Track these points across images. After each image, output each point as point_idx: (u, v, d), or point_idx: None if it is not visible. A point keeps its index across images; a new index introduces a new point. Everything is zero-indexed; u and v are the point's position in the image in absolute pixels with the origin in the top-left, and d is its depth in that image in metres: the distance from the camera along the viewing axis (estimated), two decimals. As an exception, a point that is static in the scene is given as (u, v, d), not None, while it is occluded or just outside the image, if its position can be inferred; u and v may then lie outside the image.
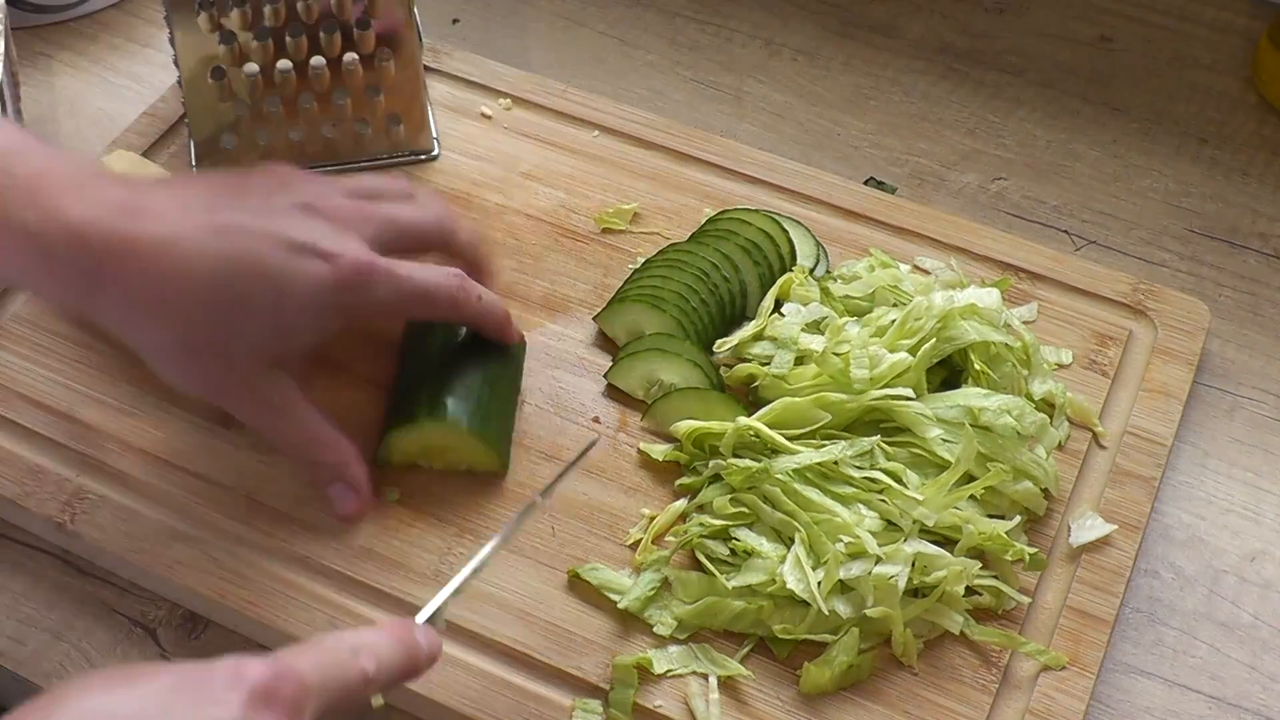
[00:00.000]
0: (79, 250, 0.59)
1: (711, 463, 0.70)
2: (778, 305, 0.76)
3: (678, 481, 0.71)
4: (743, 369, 0.74)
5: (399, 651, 0.55)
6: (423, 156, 0.86)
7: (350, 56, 0.82)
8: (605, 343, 0.77)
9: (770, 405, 0.70)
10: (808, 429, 0.69)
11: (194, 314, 0.61)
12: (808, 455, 0.68)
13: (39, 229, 0.59)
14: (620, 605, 0.66)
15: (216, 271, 0.61)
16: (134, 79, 0.96)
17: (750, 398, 0.74)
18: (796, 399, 0.70)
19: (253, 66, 0.81)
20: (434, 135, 0.86)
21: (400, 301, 0.66)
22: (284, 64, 0.81)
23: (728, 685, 0.64)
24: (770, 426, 0.69)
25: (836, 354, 0.70)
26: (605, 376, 0.75)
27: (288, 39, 0.80)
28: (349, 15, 0.80)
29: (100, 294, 0.61)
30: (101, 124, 0.93)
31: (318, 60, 0.81)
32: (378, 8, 0.80)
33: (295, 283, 0.62)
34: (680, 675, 0.65)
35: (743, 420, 0.69)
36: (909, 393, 0.69)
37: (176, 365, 0.64)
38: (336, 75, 0.82)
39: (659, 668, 0.64)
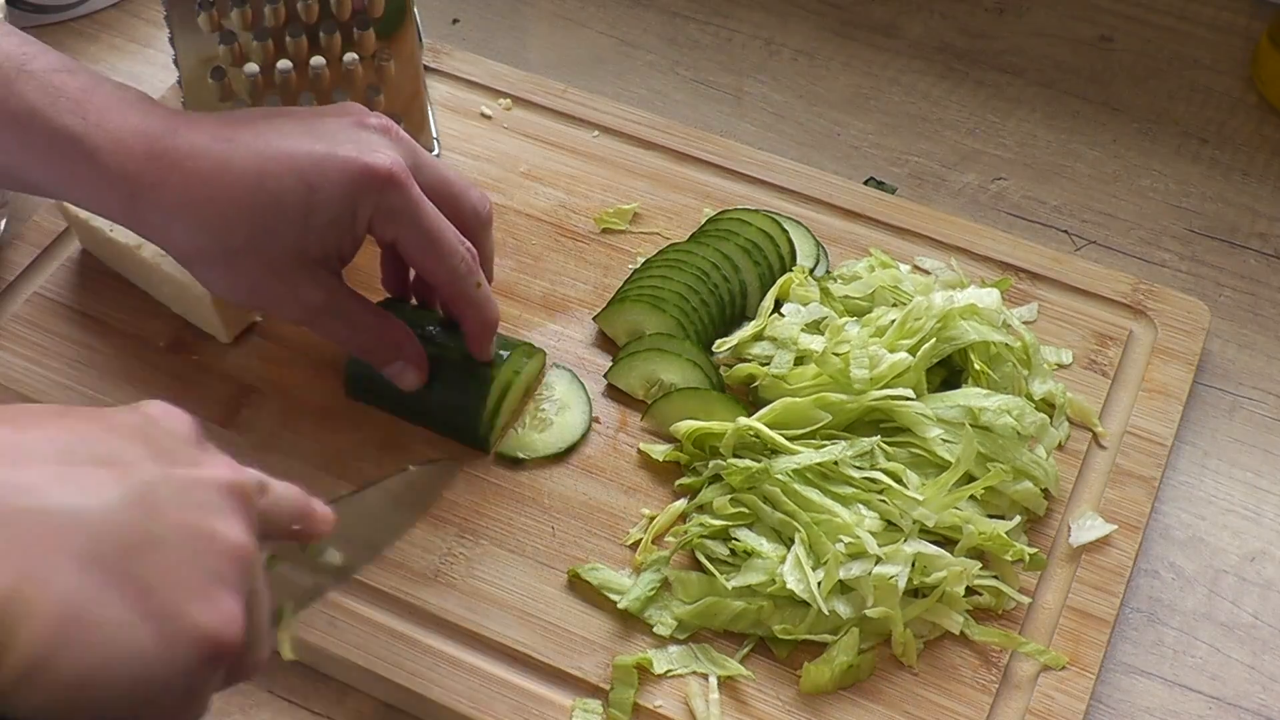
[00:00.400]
0: (124, 158, 0.62)
1: (711, 463, 0.70)
2: (777, 305, 0.76)
3: (678, 482, 0.71)
4: (742, 369, 0.74)
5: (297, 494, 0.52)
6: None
7: (350, 56, 0.82)
8: (605, 343, 0.77)
9: (770, 405, 0.70)
10: (808, 429, 0.69)
11: (230, 215, 0.62)
12: (808, 455, 0.68)
13: (86, 138, 0.62)
14: (620, 605, 0.66)
15: (249, 170, 0.62)
16: (134, 79, 0.96)
17: (750, 398, 0.74)
18: (797, 399, 0.70)
19: (253, 66, 0.81)
20: (434, 135, 0.86)
21: (416, 228, 0.65)
22: (284, 64, 0.81)
23: (728, 685, 0.64)
24: (770, 426, 0.69)
25: (836, 354, 0.70)
26: (605, 376, 0.75)
27: (288, 39, 0.80)
28: (349, 15, 0.80)
29: (142, 200, 0.62)
30: (101, 124, 0.93)
31: (317, 60, 0.81)
32: (378, 6, 0.80)
33: (327, 175, 0.62)
34: (680, 675, 0.65)
35: (743, 420, 0.69)
36: (909, 393, 0.69)
37: (217, 270, 0.65)
38: (336, 75, 0.82)
39: (659, 668, 0.64)
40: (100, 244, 0.78)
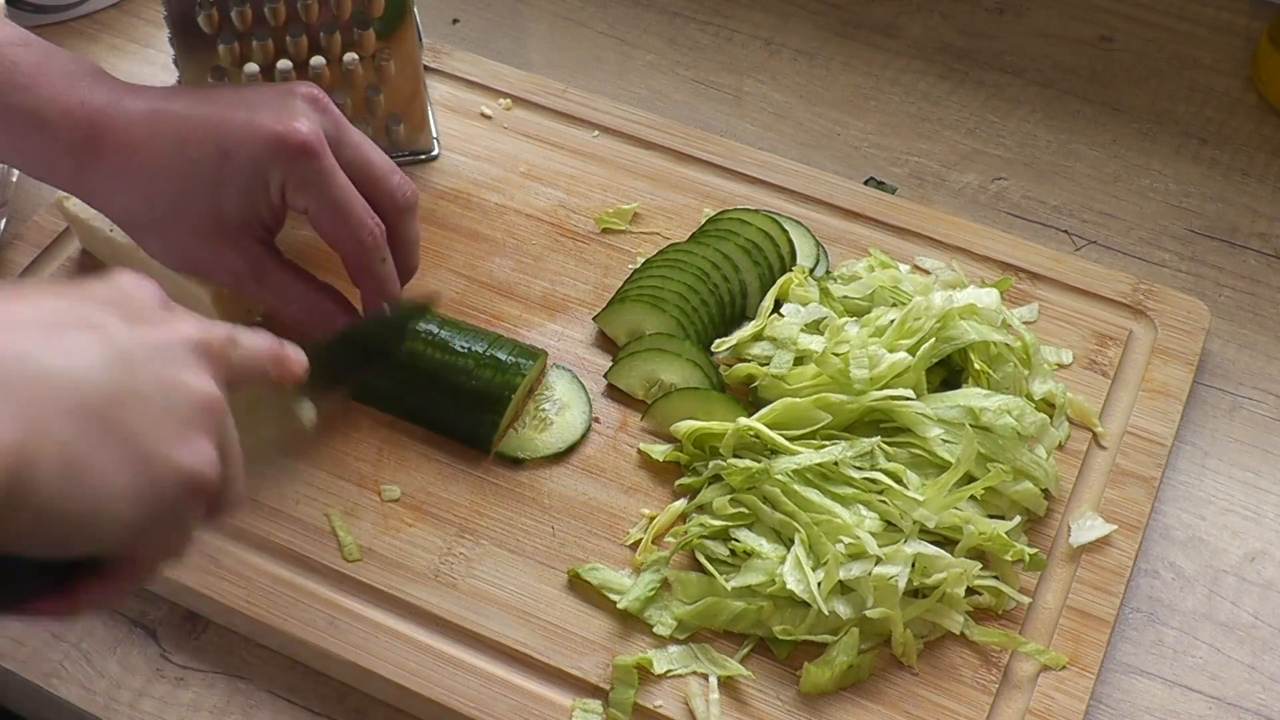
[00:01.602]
0: (70, 130, 0.65)
1: (712, 463, 0.70)
2: (777, 305, 0.76)
3: (678, 481, 0.71)
4: (742, 369, 0.74)
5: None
6: (422, 156, 0.86)
7: (350, 56, 0.82)
8: (605, 343, 0.77)
9: (771, 405, 0.70)
10: (808, 429, 0.69)
11: (156, 182, 0.65)
12: (808, 456, 0.68)
13: (37, 112, 0.65)
14: (620, 605, 0.66)
15: (173, 137, 0.65)
16: (134, 79, 0.95)
17: (750, 398, 0.74)
18: (797, 399, 0.70)
19: (253, 66, 0.81)
20: (434, 135, 0.86)
21: (324, 198, 0.66)
22: (284, 64, 0.81)
23: (728, 685, 0.64)
24: (771, 427, 0.69)
25: (836, 354, 0.70)
26: (605, 376, 0.75)
27: (288, 39, 0.80)
28: (349, 15, 0.80)
29: (88, 170, 0.65)
30: (101, 124, 0.93)
31: (317, 60, 0.81)
32: (378, 6, 0.80)
33: (241, 142, 0.64)
34: (680, 675, 0.65)
35: (743, 420, 0.69)
36: (909, 393, 0.69)
37: (150, 237, 0.68)
38: (336, 75, 0.82)
39: (659, 668, 0.64)
40: (99, 244, 0.78)
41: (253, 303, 0.76)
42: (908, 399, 0.69)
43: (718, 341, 0.75)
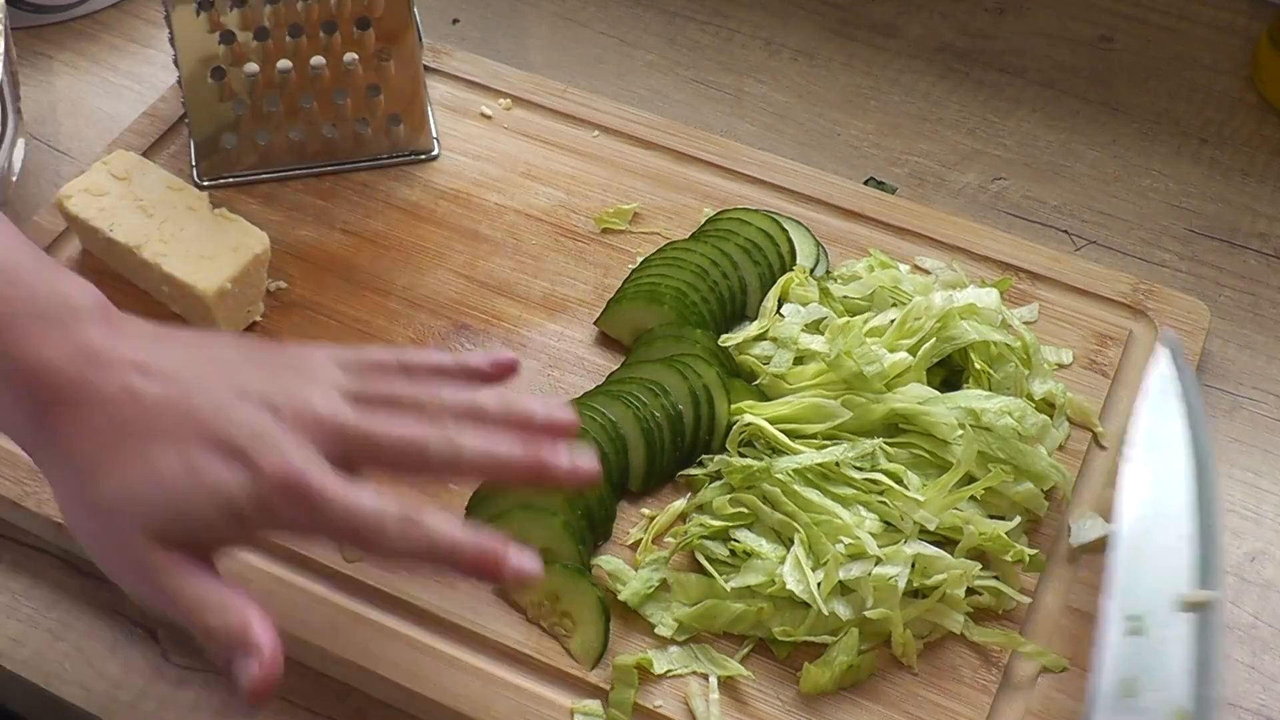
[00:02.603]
0: (29, 395, 0.56)
1: (717, 458, 0.70)
2: (779, 305, 0.76)
3: (679, 473, 0.71)
4: (744, 363, 0.74)
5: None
6: (423, 156, 0.86)
7: (350, 56, 0.82)
8: (606, 342, 0.77)
9: (785, 399, 0.70)
10: (826, 425, 0.69)
11: (99, 466, 0.55)
12: (808, 456, 0.68)
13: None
14: (620, 597, 0.66)
15: (134, 437, 0.55)
16: (134, 79, 0.96)
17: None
18: (823, 400, 0.69)
19: (253, 66, 0.81)
20: (434, 135, 0.86)
21: (327, 532, 0.56)
22: (284, 64, 0.81)
23: (728, 685, 0.64)
24: (789, 421, 0.69)
25: (849, 355, 0.70)
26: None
27: (287, 39, 0.80)
28: (349, 15, 0.80)
29: (43, 443, 0.57)
30: (101, 124, 0.93)
31: (318, 60, 0.81)
32: (378, 6, 0.80)
33: (204, 485, 0.54)
34: (680, 675, 0.64)
35: (748, 416, 0.69)
36: (932, 392, 0.69)
37: (74, 518, 0.57)
38: (337, 75, 0.82)
39: (659, 668, 0.64)
40: (100, 244, 0.78)
41: (252, 304, 0.77)
42: (928, 402, 0.69)
43: (722, 339, 0.75)
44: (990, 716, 0.64)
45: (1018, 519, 0.68)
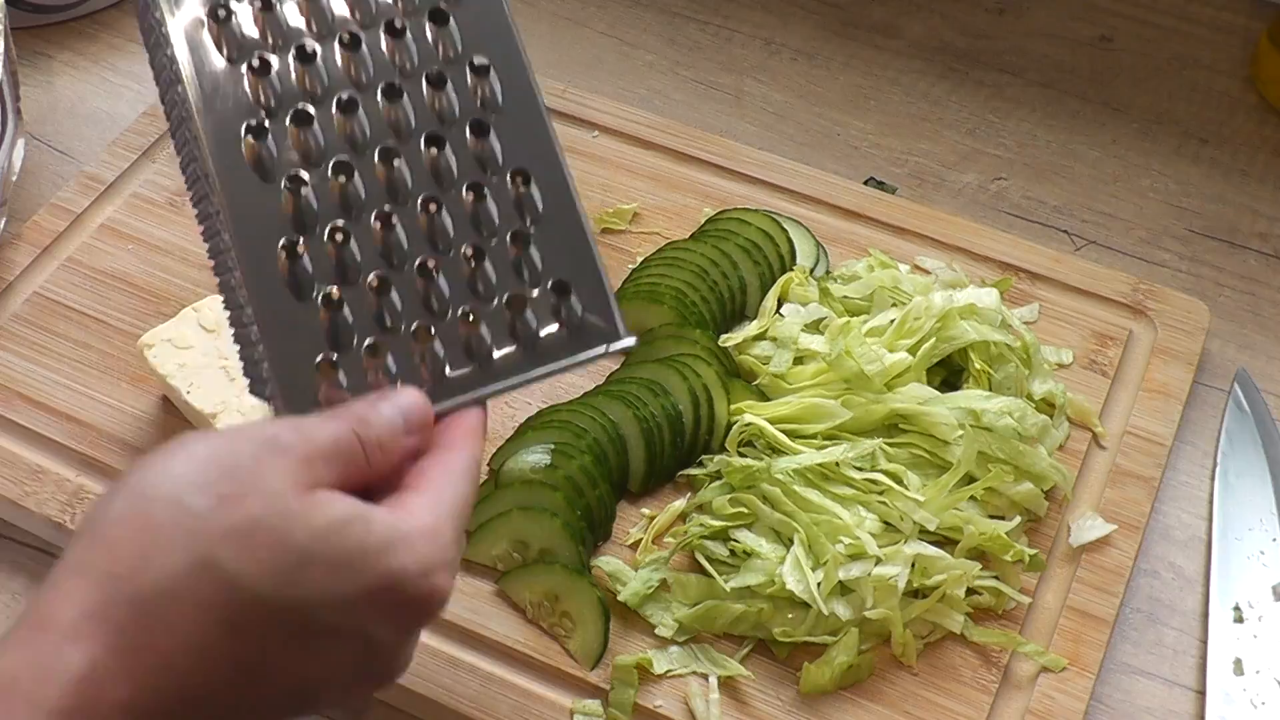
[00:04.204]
0: None
1: (717, 458, 0.70)
2: (779, 305, 0.76)
3: (679, 473, 0.71)
4: (744, 362, 0.74)
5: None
6: (617, 347, 0.55)
7: (492, 212, 0.55)
8: (605, 343, 0.77)
9: (789, 400, 0.70)
10: (826, 425, 0.69)
11: None
12: (808, 456, 0.68)
13: None
14: (620, 597, 0.66)
15: None
16: (134, 79, 0.96)
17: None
18: (823, 400, 0.69)
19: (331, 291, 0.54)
20: (615, 309, 0.55)
21: None
22: (372, 277, 0.54)
23: (728, 685, 0.64)
24: (790, 421, 0.69)
25: (849, 354, 0.70)
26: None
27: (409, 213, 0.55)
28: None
29: None
30: (101, 124, 0.93)
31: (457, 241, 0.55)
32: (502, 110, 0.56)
33: None
34: (680, 675, 0.65)
35: (748, 416, 0.69)
36: (933, 393, 0.69)
37: None
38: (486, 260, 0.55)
39: (659, 668, 0.64)
40: (178, 399, 0.71)
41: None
42: (928, 402, 0.69)
43: (723, 338, 0.75)
44: (990, 716, 0.64)
45: (1018, 519, 0.68)
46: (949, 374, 0.74)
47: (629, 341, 0.55)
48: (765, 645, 0.66)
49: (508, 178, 0.55)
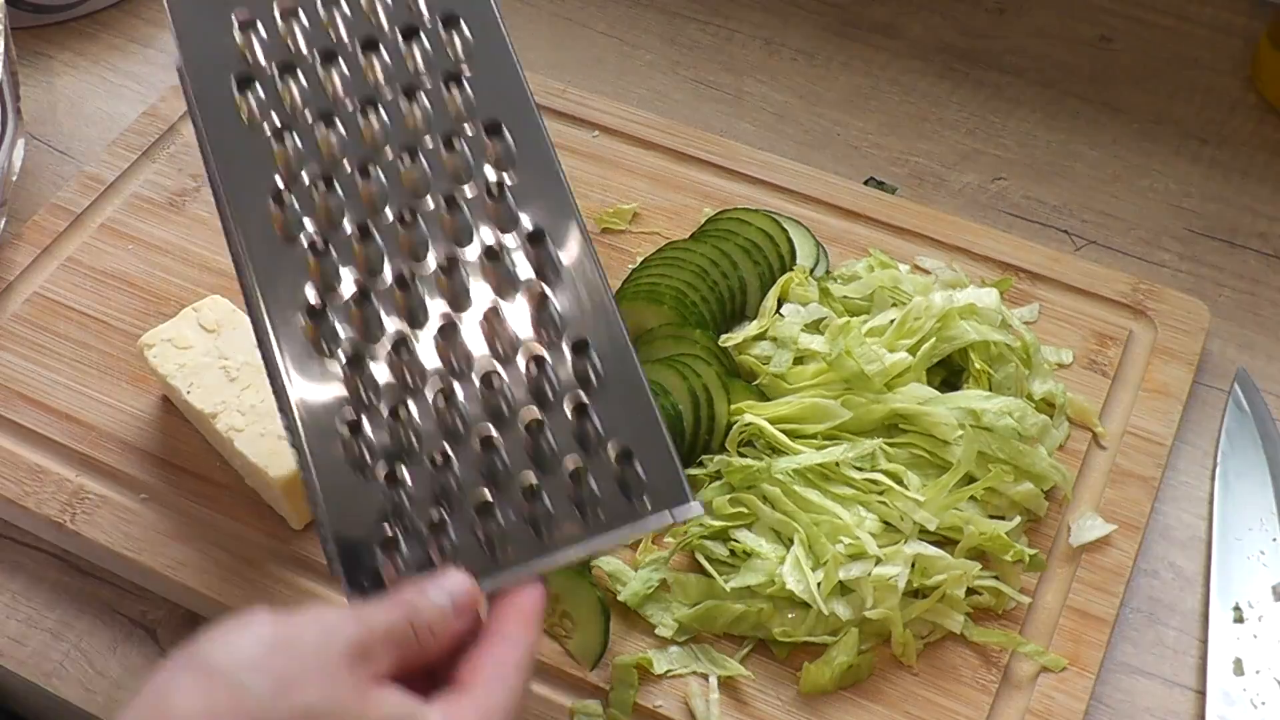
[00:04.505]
0: None
1: (716, 458, 0.70)
2: (779, 305, 0.76)
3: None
4: (744, 362, 0.74)
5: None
6: (684, 515, 0.54)
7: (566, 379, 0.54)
8: (605, 343, 0.77)
9: (789, 400, 0.70)
10: (826, 425, 0.69)
11: None
12: (808, 456, 0.68)
13: None
14: (620, 597, 0.66)
15: None
16: (134, 79, 0.96)
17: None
18: (823, 399, 0.69)
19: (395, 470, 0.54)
20: (681, 474, 0.54)
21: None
22: (434, 452, 0.54)
23: (728, 685, 0.64)
24: (790, 421, 0.69)
25: (849, 354, 0.70)
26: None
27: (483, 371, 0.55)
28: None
29: None
30: (101, 124, 0.93)
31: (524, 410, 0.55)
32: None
33: None
34: (680, 675, 0.65)
35: (748, 416, 0.69)
36: (933, 392, 0.69)
37: None
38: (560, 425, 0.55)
39: (659, 668, 0.64)
40: (178, 399, 0.71)
41: None
42: (928, 402, 0.69)
43: (723, 338, 0.75)
44: (990, 716, 0.64)
45: (1018, 519, 0.68)
46: (949, 374, 0.74)
47: (696, 509, 0.53)
48: (765, 645, 0.66)
49: (568, 346, 0.54)
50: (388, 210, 0.56)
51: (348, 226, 0.56)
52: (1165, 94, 0.95)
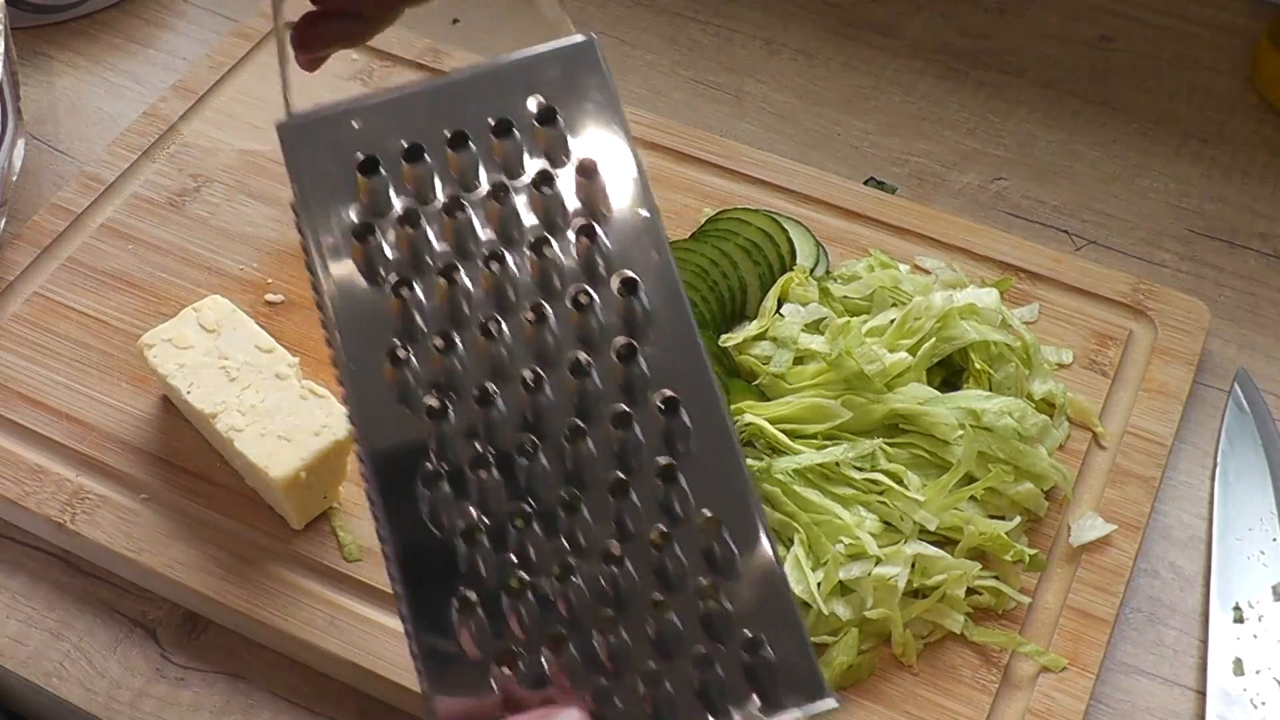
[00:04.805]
0: None
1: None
2: (779, 305, 0.76)
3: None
4: (744, 362, 0.74)
5: None
6: (816, 710, 0.47)
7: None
8: (605, 343, 0.77)
9: (786, 399, 0.70)
10: (826, 425, 0.69)
11: None
12: (808, 456, 0.68)
13: None
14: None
15: None
16: (134, 79, 0.96)
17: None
18: (823, 399, 0.69)
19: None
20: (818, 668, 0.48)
21: None
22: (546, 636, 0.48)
23: (728, 685, 0.64)
24: (789, 421, 0.69)
25: (849, 354, 0.70)
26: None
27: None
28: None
29: None
30: (101, 124, 0.93)
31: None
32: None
33: None
34: (680, 675, 0.64)
35: (748, 416, 0.69)
36: (933, 392, 0.69)
37: None
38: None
39: (659, 668, 0.64)
40: (178, 399, 0.71)
41: (329, 490, 0.70)
42: (928, 402, 0.69)
43: (723, 338, 0.75)
44: (990, 716, 0.64)
45: (1018, 519, 0.68)
46: (949, 374, 0.74)
47: (829, 704, 0.47)
48: (765, 645, 0.66)
49: (697, 523, 0.48)
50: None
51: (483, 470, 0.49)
52: (1165, 94, 0.95)
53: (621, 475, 0.49)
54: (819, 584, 0.64)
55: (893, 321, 0.73)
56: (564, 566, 0.48)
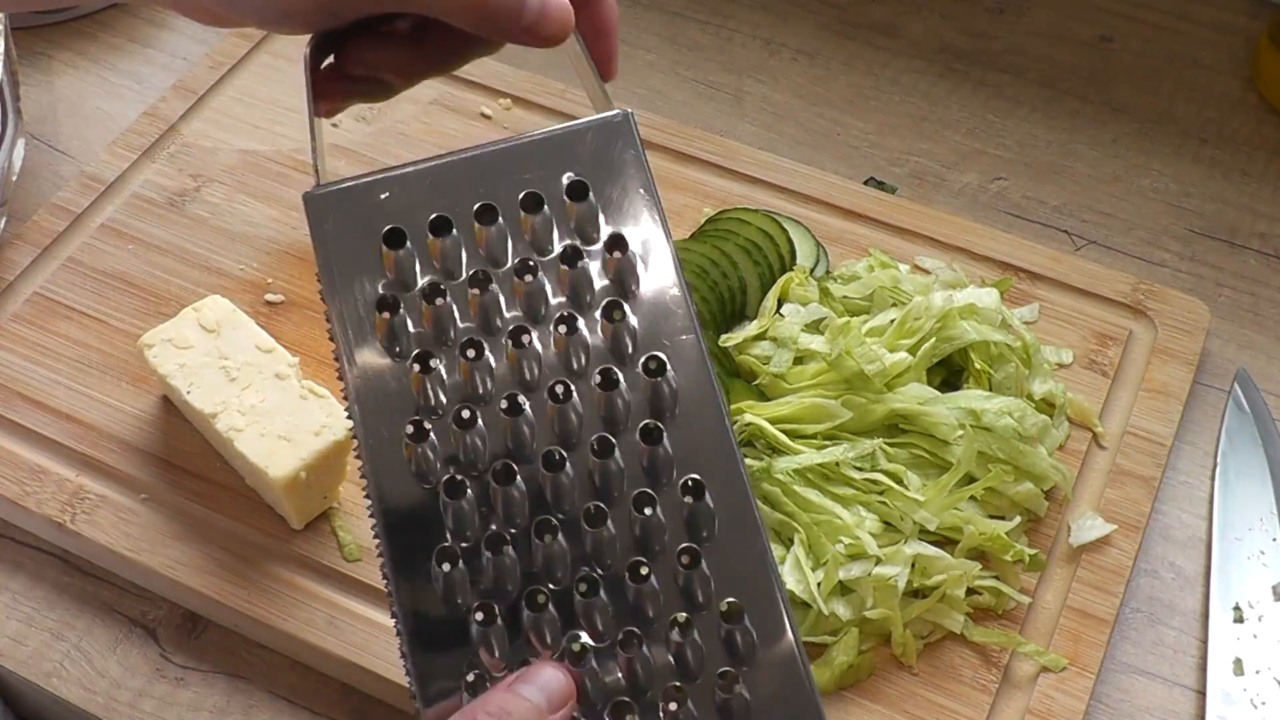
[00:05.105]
0: None
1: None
2: (780, 305, 0.76)
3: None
4: (744, 363, 0.74)
5: None
6: None
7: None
8: (605, 343, 0.77)
9: (786, 399, 0.70)
10: (825, 425, 0.69)
11: None
12: (808, 456, 0.68)
13: None
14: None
15: None
16: (134, 79, 0.96)
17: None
18: (823, 399, 0.69)
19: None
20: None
21: None
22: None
23: (728, 685, 0.64)
24: (789, 421, 0.69)
25: (849, 354, 0.70)
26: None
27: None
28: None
29: None
30: (101, 124, 0.93)
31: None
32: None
33: None
34: (680, 675, 0.64)
35: (748, 416, 0.69)
36: (933, 392, 0.69)
37: None
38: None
39: (659, 668, 0.64)
40: (178, 399, 0.71)
41: (330, 490, 0.69)
42: (928, 402, 0.69)
43: (723, 338, 0.75)
44: (990, 716, 0.64)
45: (1018, 519, 0.68)
46: (949, 374, 0.74)
47: None
48: (765, 645, 0.66)
49: (719, 612, 0.48)
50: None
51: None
52: (1165, 94, 0.95)
53: (642, 559, 0.48)
54: (819, 584, 0.64)
55: (893, 321, 0.73)
56: (580, 650, 0.48)
